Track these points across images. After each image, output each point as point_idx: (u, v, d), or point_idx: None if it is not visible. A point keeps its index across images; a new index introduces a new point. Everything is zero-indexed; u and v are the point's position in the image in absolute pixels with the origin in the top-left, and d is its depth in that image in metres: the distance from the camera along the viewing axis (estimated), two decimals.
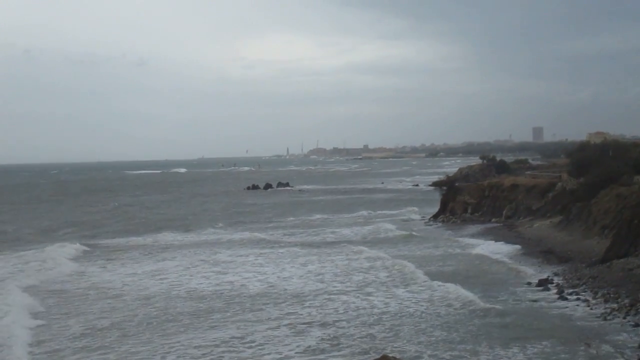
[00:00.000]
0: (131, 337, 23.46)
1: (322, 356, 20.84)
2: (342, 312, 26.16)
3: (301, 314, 26.11)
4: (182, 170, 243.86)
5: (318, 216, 67.42)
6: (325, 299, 28.44)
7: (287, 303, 28.08)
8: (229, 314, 26.61)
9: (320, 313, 26.07)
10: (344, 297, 28.52)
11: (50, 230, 60.69)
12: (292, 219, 65.58)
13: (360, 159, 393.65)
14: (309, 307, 27.26)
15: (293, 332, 23.43)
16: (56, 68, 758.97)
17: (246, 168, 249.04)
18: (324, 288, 30.82)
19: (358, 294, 29.10)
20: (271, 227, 59.34)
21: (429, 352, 20.61)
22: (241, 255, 41.54)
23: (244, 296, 29.74)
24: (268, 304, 28.03)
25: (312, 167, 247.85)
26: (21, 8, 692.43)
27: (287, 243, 47.53)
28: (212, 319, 25.86)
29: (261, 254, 41.93)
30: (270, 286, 31.64)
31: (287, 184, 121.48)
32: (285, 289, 30.87)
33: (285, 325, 24.35)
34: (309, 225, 59.53)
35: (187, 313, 26.89)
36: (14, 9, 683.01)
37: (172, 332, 24.02)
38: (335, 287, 30.97)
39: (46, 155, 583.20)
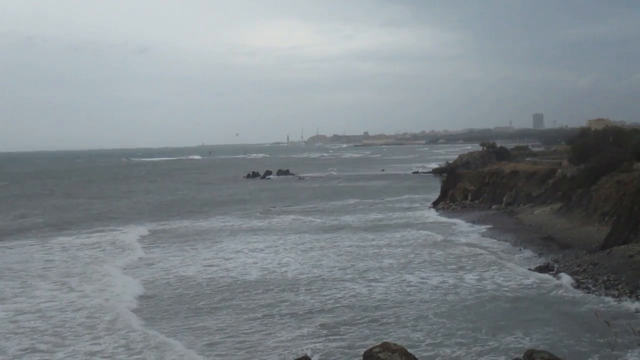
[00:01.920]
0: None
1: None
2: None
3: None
4: (197, 157, 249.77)
5: (351, 201, 67.69)
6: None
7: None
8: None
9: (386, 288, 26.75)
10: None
11: (109, 215, 61.08)
12: (337, 202, 66.79)
13: (361, 145, 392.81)
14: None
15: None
16: (58, 55, 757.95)
17: (260, 155, 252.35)
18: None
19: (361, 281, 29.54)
20: (308, 210, 59.79)
21: (428, 340, 20.68)
22: (305, 241, 41.65)
23: (322, 278, 30.21)
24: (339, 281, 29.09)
25: (326, 155, 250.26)
26: None
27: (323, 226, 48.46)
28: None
29: (325, 238, 42.40)
30: (360, 262, 33.17)
31: (286, 171, 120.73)
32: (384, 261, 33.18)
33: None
34: (331, 211, 59.42)
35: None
36: None
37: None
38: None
39: (47, 143, 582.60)
